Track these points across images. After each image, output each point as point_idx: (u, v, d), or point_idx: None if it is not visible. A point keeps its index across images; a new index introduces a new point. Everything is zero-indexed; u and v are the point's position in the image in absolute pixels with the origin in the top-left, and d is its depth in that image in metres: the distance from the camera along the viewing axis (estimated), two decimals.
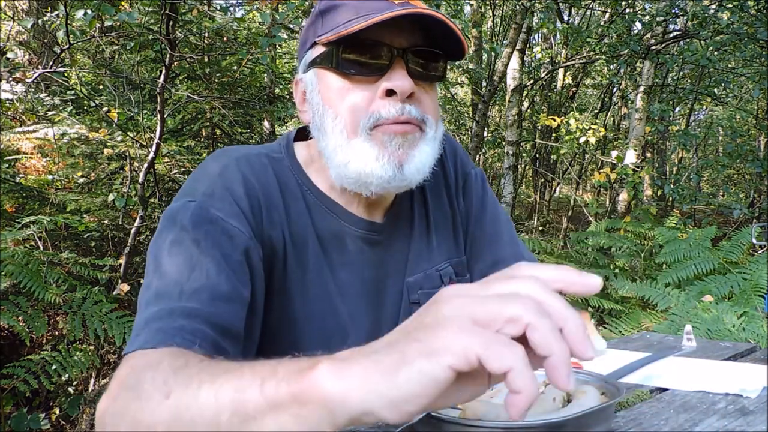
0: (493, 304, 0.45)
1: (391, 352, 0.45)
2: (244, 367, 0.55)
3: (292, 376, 0.50)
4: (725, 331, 2.39)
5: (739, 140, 7.77)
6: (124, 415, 0.61)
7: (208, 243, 0.81)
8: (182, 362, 0.63)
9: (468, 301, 0.46)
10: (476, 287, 0.49)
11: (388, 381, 0.44)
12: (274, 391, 0.50)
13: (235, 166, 0.90)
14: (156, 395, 0.58)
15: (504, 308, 0.45)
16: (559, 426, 0.55)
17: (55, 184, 4.42)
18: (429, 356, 0.43)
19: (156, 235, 0.85)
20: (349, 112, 0.86)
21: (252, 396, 0.51)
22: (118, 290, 3.55)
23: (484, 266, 1.05)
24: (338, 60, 0.86)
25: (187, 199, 0.86)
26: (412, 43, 0.86)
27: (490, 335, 0.43)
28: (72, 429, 3.16)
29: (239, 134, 5.54)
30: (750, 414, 0.70)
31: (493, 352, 0.42)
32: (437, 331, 0.45)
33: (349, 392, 0.45)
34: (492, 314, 0.45)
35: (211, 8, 5.19)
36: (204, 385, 0.55)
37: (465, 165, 1.09)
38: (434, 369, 0.43)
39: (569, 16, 10.49)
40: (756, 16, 5.80)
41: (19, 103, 4.86)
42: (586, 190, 13.08)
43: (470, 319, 0.45)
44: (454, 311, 0.46)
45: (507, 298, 0.46)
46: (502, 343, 0.43)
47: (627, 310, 3.70)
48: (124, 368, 0.68)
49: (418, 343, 0.45)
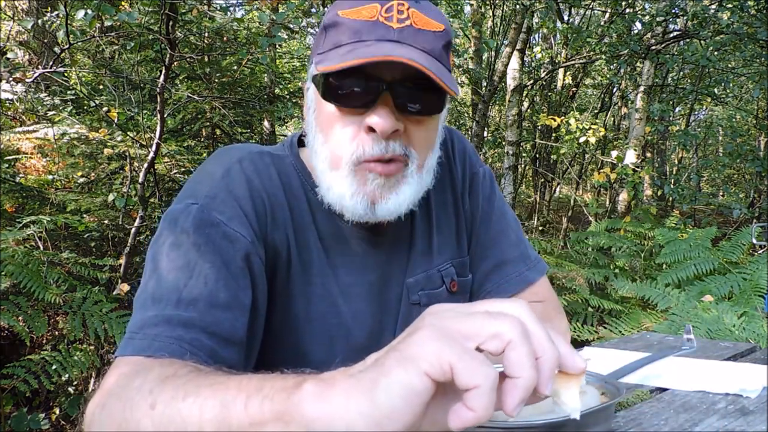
0: (480, 318, 0.46)
1: (374, 368, 0.45)
2: (231, 381, 0.55)
3: (277, 394, 0.50)
4: (725, 331, 2.39)
5: (739, 140, 7.76)
6: (111, 424, 0.61)
7: (209, 248, 0.80)
8: (171, 372, 0.63)
9: (454, 315, 0.47)
10: (465, 305, 0.49)
11: (368, 399, 0.43)
12: (258, 408, 0.50)
13: (238, 168, 0.89)
14: (142, 405, 0.58)
15: (490, 323, 0.45)
16: (559, 426, 0.55)
17: (55, 184, 4.42)
18: (404, 363, 0.43)
19: (156, 236, 0.85)
20: (336, 144, 0.85)
21: (236, 412, 0.51)
22: (118, 290, 3.55)
23: (489, 266, 1.05)
24: (326, 89, 0.84)
25: (189, 201, 0.85)
26: (403, 75, 0.81)
27: (467, 348, 0.44)
28: (72, 429, 3.16)
29: (239, 134, 5.54)
30: (750, 414, 0.70)
31: (467, 365, 0.42)
32: (414, 338, 0.45)
33: (333, 415, 0.44)
34: (477, 327, 0.45)
35: (211, 8, 5.19)
36: (189, 398, 0.55)
37: (473, 165, 1.08)
38: (410, 377, 0.43)
39: (569, 16, 10.49)
40: (756, 16, 5.80)
41: (19, 103, 4.86)
42: (586, 190, 13.08)
43: (453, 330, 0.45)
44: (437, 321, 0.46)
45: (494, 315, 0.46)
46: (479, 360, 0.43)
47: (627, 310, 3.70)
48: (114, 374, 0.68)
49: (395, 353, 0.45)
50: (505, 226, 1.07)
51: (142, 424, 0.57)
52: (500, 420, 0.57)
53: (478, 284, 1.06)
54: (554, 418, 0.56)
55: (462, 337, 0.45)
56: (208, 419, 0.53)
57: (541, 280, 1.06)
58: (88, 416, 0.65)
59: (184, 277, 0.78)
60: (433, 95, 0.84)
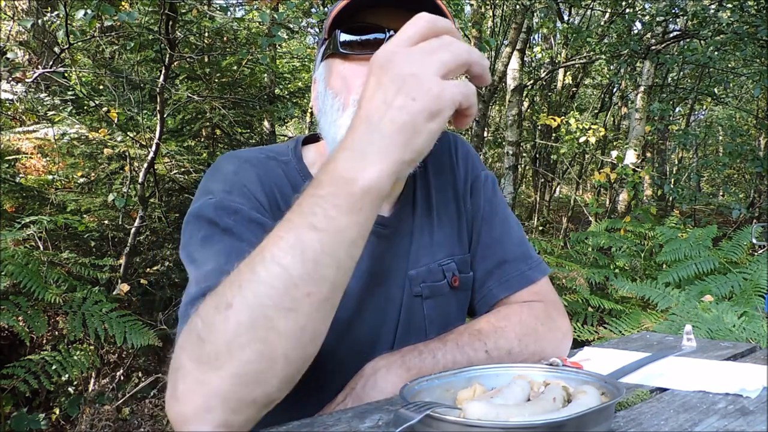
0: (445, 54, 0.62)
1: (402, 129, 0.61)
2: (280, 225, 0.65)
3: (335, 198, 0.62)
4: (725, 331, 2.39)
5: (739, 140, 7.76)
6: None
7: (239, 230, 0.84)
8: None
9: (426, 60, 0.62)
10: (412, 43, 0.64)
11: (410, 149, 0.61)
12: (325, 222, 0.62)
13: (248, 166, 0.94)
14: (219, 318, 0.63)
15: (457, 56, 0.62)
16: (559, 426, 0.55)
17: (55, 184, 4.41)
18: (434, 117, 0.61)
19: (184, 240, 0.87)
20: (345, 88, 0.91)
21: (311, 239, 0.62)
22: (118, 290, 3.55)
23: (491, 264, 1.07)
24: (337, 43, 0.91)
25: (206, 197, 0.89)
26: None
27: (462, 83, 0.62)
28: (72, 429, 3.16)
29: (239, 134, 5.54)
30: (750, 414, 0.70)
31: (467, 95, 0.62)
32: (428, 95, 0.60)
33: (381, 172, 0.61)
34: (450, 63, 0.62)
35: (211, 8, 5.18)
36: (257, 267, 0.64)
37: (476, 168, 1.12)
38: (441, 123, 0.61)
39: (569, 16, 10.49)
40: (756, 15, 5.80)
41: (19, 103, 4.86)
42: (586, 190, 13.08)
43: (438, 75, 0.61)
44: (420, 70, 0.61)
45: (450, 47, 0.63)
46: (466, 84, 0.62)
47: (627, 310, 3.69)
48: (182, 347, 0.67)
49: (422, 113, 0.61)
50: (507, 227, 1.10)
51: (229, 324, 0.62)
52: (500, 420, 0.57)
53: (480, 282, 1.08)
54: (554, 419, 0.56)
55: (447, 73, 0.63)
56: (284, 276, 0.62)
57: (543, 280, 1.07)
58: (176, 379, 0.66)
59: (224, 257, 0.80)
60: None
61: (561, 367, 0.86)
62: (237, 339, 0.61)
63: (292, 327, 0.62)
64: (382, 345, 0.96)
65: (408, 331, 0.99)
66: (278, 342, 0.62)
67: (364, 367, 0.86)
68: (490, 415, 0.58)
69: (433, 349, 0.87)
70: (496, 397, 0.66)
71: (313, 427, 0.68)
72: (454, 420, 0.56)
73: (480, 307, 1.08)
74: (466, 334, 0.92)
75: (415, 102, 0.60)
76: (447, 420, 0.56)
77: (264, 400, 0.65)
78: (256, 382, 0.63)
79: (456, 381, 0.72)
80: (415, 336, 0.97)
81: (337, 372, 0.88)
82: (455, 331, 0.93)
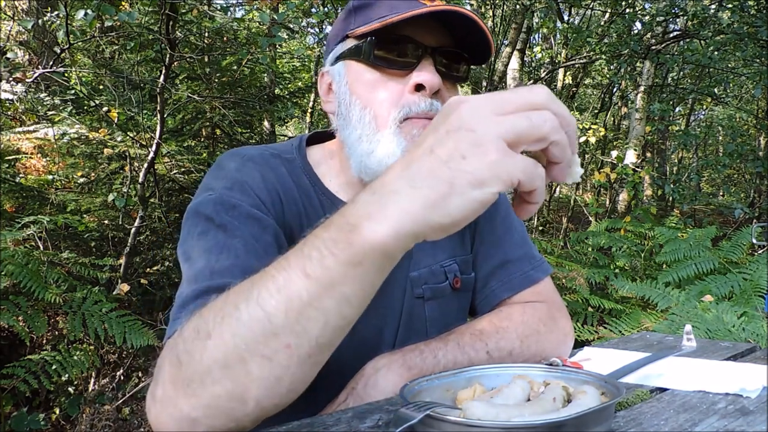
0: (521, 121, 0.52)
1: (436, 184, 0.51)
2: (278, 262, 0.60)
3: (334, 246, 0.55)
4: (725, 331, 2.39)
5: (739, 140, 7.76)
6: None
7: (235, 226, 0.83)
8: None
9: (494, 120, 0.52)
10: (491, 100, 0.54)
11: (438, 211, 0.51)
12: (319, 271, 0.56)
13: (251, 164, 0.93)
14: (197, 345, 0.61)
15: (533, 127, 0.52)
16: (559, 426, 0.55)
17: (55, 184, 4.41)
18: (481, 186, 0.50)
19: (183, 235, 0.87)
20: (379, 105, 0.89)
21: (298, 287, 0.56)
22: (118, 290, 3.55)
23: (494, 265, 1.07)
24: (370, 53, 0.88)
25: (207, 193, 0.89)
26: (440, 43, 0.89)
27: (527, 161, 0.52)
28: (72, 429, 3.15)
29: (239, 134, 5.53)
30: (750, 414, 0.70)
31: (529, 177, 0.51)
32: (482, 158, 0.50)
33: (394, 229, 0.52)
34: (522, 133, 0.52)
35: (211, 8, 5.18)
36: (241, 305, 0.60)
37: None
38: (485, 196, 0.51)
39: (569, 16, 10.49)
40: (756, 15, 5.80)
41: (19, 103, 4.85)
42: (586, 190, 13.07)
43: (503, 140, 0.51)
44: (484, 128, 0.51)
45: (531, 116, 0.52)
46: (533, 165, 0.52)
47: (627, 310, 3.69)
48: (165, 357, 0.67)
49: (466, 174, 0.50)
50: (509, 228, 1.10)
51: (206, 356, 0.60)
52: (500, 420, 0.57)
53: (483, 282, 1.08)
54: (554, 419, 0.56)
55: (511, 145, 0.52)
56: (277, 307, 0.57)
57: (545, 281, 1.07)
58: (154, 401, 0.65)
59: (215, 255, 0.80)
60: (463, 65, 0.93)
61: (561, 367, 0.86)
62: (210, 373, 0.60)
63: (266, 375, 0.59)
64: (383, 346, 0.96)
65: (409, 333, 0.99)
66: (251, 386, 0.59)
67: (364, 367, 0.86)
68: (490, 415, 0.58)
69: (434, 349, 0.87)
70: (496, 397, 0.66)
71: (313, 427, 0.68)
72: (454, 420, 0.56)
73: (482, 307, 1.07)
74: (468, 334, 0.91)
75: (464, 160, 0.50)
76: (447, 420, 0.56)
77: (237, 430, 0.63)
78: (226, 416, 0.61)
79: (456, 381, 0.73)
80: (415, 337, 0.97)
81: (338, 373, 0.88)
82: (457, 331, 0.93)
